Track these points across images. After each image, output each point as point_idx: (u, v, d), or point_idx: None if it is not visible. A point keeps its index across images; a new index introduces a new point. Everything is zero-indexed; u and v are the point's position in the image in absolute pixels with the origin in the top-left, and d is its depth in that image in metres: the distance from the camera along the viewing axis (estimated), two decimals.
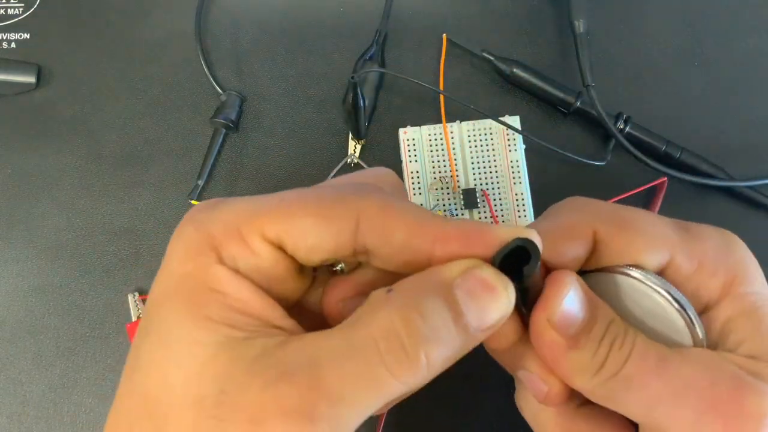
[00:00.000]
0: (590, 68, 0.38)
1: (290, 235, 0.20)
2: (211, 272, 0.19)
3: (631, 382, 0.20)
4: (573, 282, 0.20)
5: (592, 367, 0.20)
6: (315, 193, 0.21)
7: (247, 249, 0.20)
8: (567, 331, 0.20)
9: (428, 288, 0.18)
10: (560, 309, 0.20)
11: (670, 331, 0.21)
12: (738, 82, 0.40)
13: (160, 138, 0.40)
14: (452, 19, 0.41)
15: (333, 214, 0.20)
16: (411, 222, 0.19)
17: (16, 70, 0.40)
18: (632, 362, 0.20)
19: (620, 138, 0.37)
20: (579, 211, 0.23)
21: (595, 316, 0.20)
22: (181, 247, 0.21)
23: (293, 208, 0.20)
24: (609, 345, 0.20)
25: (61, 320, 0.37)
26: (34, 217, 0.38)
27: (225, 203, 0.21)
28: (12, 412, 0.36)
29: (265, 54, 0.41)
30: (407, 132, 0.38)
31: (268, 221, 0.19)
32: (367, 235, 0.19)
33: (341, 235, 0.19)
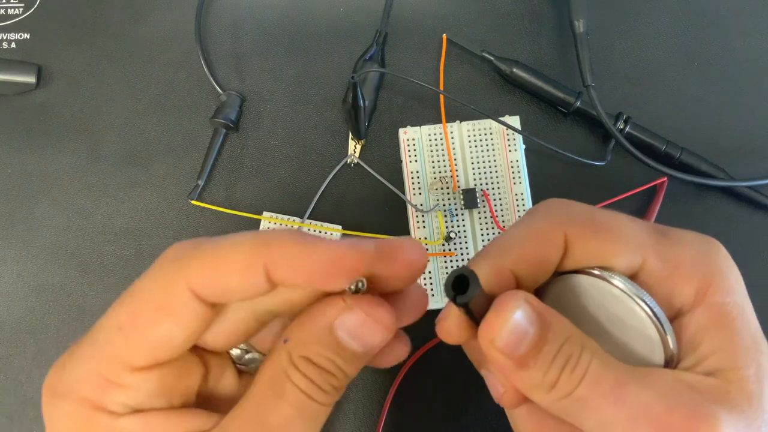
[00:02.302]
0: (590, 68, 0.38)
1: (153, 357, 0.20)
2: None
3: (585, 404, 0.19)
4: (519, 305, 0.20)
5: (544, 385, 0.20)
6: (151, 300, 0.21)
7: (122, 389, 0.20)
8: (513, 353, 0.20)
9: (315, 336, 0.20)
10: (503, 333, 0.20)
11: (641, 336, 0.21)
12: (738, 82, 0.40)
13: (160, 138, 0.40)
14: (452, 19, 0.41)
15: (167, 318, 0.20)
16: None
17: (16, 70, 0.40)
18: (586, 385, 0.19)
19: (620, 138, 0.37)
20: (551, 214, 0.22)
21: (545, 336, 0.20)
22: (64, 425, 0.20)
23: (132, 339, 0.20)
24: (561, 366, 0.20)
25: (61, 320, 0.37)
26: (34, 217, 0.38)
27: (74, 357, 0.20)
28: (12, 412, 0.36)
29: (265, 54, 0.41)
30: (407, 132, 0.38)
31: (127, 357, 0.20)
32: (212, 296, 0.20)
33: (188, 329, 0.20)
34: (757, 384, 0.20)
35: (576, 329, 0.21)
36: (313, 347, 0.20)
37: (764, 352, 0.21)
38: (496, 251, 0.22)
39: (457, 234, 0.36)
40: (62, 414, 0.20)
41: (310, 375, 0.20)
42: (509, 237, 0.22)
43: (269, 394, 0.20)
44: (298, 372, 0.20)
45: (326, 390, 0.20)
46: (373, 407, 0.35)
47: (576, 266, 0.22)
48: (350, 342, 0.20)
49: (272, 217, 0.37)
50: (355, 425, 0.35)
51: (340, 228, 0.37)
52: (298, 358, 0.20)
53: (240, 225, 0.38)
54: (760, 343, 0.21)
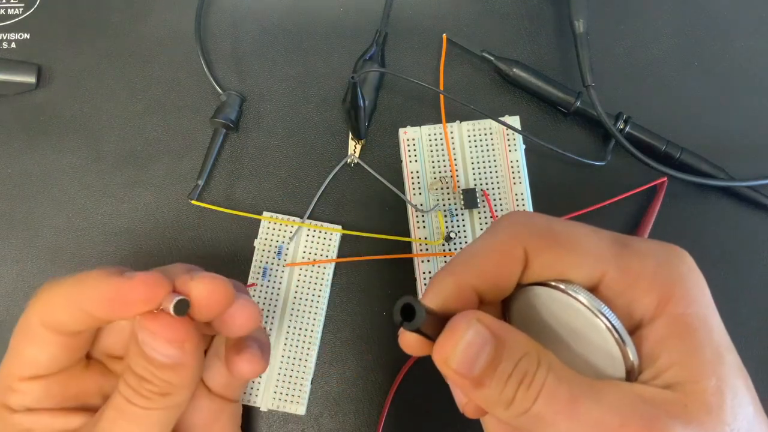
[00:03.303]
0: (590, 68, 0.38)
1: (31, 372, 0.27)
2: (10, 424, 0.26)
3: (541, 420, 0.19)
4: (471, 325, 0.20)
5: (501, 403, 0.20)
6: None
7: (16, 393, 0.27)
8: (468, 373, 0.20)
9: (132, 347, 0.25)
10: (456, 354, 0.20)
11: (601, 349, 0.21)
12: (738, 82, 0.40)
13: (160, 138, 0.40)
14: (452, 19, 0.41)
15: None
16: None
17: (16, 70, 0.40)
18: (542, 401, 0.19)
19: (620, 138, 0.37)
20: (511, 228, 0.23)
21: (500, 354, 0.20)
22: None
23: (16, 359, 0.27)
24: (517, 383, 0.20)
25: None
26: (34, 217, 0.38)
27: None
28: None
29: (265, 54, 0.41)
30: (407, 132, 0.38)
31: (16, 371, 0.27)
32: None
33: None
34: (717, 396, 0.19)
35: (533, 344, 0.20)
36: (132, 357, 0.25)
37: (727, 364, 0.20)
38: (458, 267, 0.22)
39: (457, 234, 0.36)
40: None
41: (129, 381, 0.25)
42: (470, 252, 0.23)
43: (109, 409, 0.25)
44: (122, 379, 0.25)
45: (145, 395, 0.24)
46: (373, 407, 0.35)
47: (536, 279, 0.22)
48: (152, 353, 0.24)
49: (272, 217, 0.37)
50: (355, 425, 0.35)
51: (340, 228, 0.37)
52: (125, 366, 0.25)
53: (240, 225, 0.38)
54: (723, 354, 0.20)
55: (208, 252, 0.38)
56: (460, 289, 0.22)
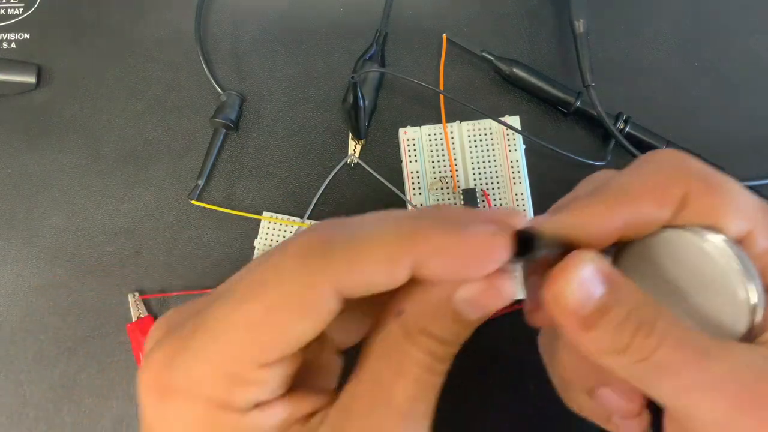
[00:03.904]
0: (590, 68, 0.38)
1: (283, 354, 0.19)
2: (239, 431, 0.19)
3: (664, 369, 0.19)
4: (587, 262, 0.19)
5: (614, 349, 0.19)
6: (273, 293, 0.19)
7: (250, 386, 0.19)
8: (578, 311, 0.19)
9: (432, 308, 0.20)
10: (566, 287, 0.19)
11: (727, 303, 0.20)
12: (738, 81, 0.40)
13: (160, 138, 0.40)
14: (452, 19, 0.41)
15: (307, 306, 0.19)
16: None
17: (16, 70, 0.40)
18: (666, 349, 0.19)
19: (620, 138, 0.37)
20: (671, 166, 0.21)
21: (614, 300, 0.19)
22: (184, 426, 0.19)
23: (264, 337, 0.18)
24: (633, 329, 0.19)
25: (61, 320, 0.37)
26: (34, 217, 0.38)
27: (190, 353, 0.19)
28: (12, 412, 0.36)
29: (265, 54, 0.41)
30: (407, 132, 0.38)
31: (257, 355, 0.18)
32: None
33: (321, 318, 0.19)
34: None
35: (648, 298, 0.20)
36: (431, 319, 0.20)
37: None
38: (609, 197, 0.21)
39: None
40: (182, 414, 0.19)
41: (431, 348, 0.20)
42: (622, 185, 0.21)
43: (387, 371, 0.20)
44: (417, 347, 0.20)
45: (446, 360, 0.20)
46: None
47: (682, 222, 0.21)
48: (470, 312, 0.19)
49: (272, 217, 0.37)
50: None
51: None
52: (416, 331, 0.19)
53: (240, 225, 0.38)
54: None
55: (208, 252, 0.38)
56: (606, 221, 0.21)
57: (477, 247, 0.18)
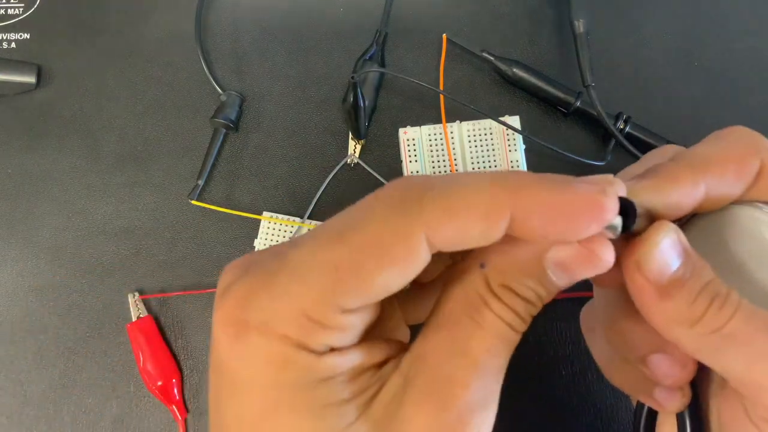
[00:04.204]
0: (590, 68, 0.38)
1: (366, 302, 0.18)
2: (313, 372, 0.18)
3: (735, 340, 0.19)
4: (670, 231, 0.20)
5: (688, 319, 0.19)
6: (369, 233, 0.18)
7: (329, 330, 0.18)
8: (657, 279, 0.19)
9: (519, 265, 0.19)
10: (650, 255, 0.19)
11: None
12: (738, 82, 0.40)
13: (160, 138, 0.40)
14: (452, 19, 0.41)
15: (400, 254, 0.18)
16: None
17: (16, 70, 0.40)
18: (738, 321, 0.19)
19: (620, 138, 0.37)
20: (746, 139, 0.22)
21: (692, 271, 0.20)
22: (258, 361, 0.18)
23: (349, 282, 0.17)
24: (708, 301, 0.19)
25: (61, 320, 0.37)
26: (34, 217, 0.38)
27: (271, 291, 0.18)
28: (12, 412, 0.36)
29: (265, 54, 0.41)
30: (407, 132, 0.38)
31: (340, 300, 0.18)
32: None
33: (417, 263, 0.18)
34: None
35: (718, 278, 0.20)
36: (517, 276, 0.19)
37: None
38: (696, 163, 0.21)
39: None
40: (258, 350, 0.18)
41: (513, 304, 0.19)
42: (702, 155, 0.21)
43: (466, 321, 0.19)
44: (499, 301, 0.19)
45: (526, 319, 0.19)
46: None
47: (750, 198, 0.21)
48: (559, 275, 0.19)
49: (272, 217, 0.37)
50: None
51: None
52: (499, 286, 0.19)
53: (240, 225, 0.38)
54: None
55: (208, 252, 0.38)
56: (692, 189, 0.21)
57: (583, 205, 0.17)
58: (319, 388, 0.18)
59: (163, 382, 0.35)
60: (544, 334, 0.36)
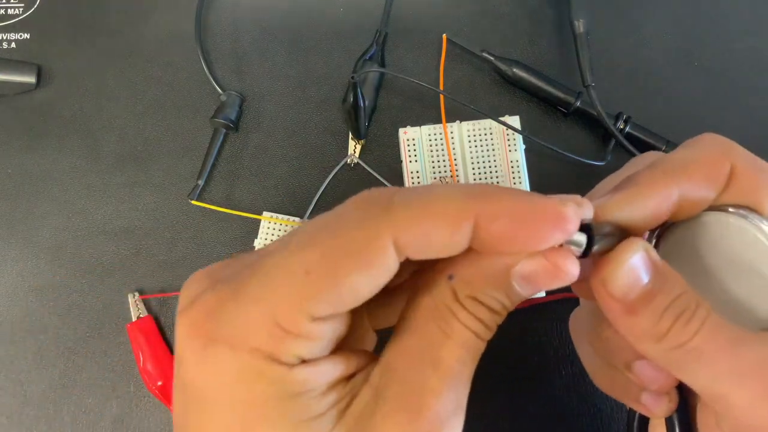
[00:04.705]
0: (590, 68, 0.38)
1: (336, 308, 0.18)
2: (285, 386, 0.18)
3: (699, 356, 0.19)
4: (638, 250, 0.20)
5: (653, 335, 0.20)
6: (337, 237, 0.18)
7: (299, 339, 0.18)
8: (623, 297, 0.20)
9: (486, 277, 0.19)
10: (615, 274, 0.20)
11: (763, 292, 0.21)
12: (738, 82, 0.40)
13: (160, 138, 0.40)
14: (452, 19, 0.41)
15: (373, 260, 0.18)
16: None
17: (16, 70, 0.40)
18: (702, 336, 0.19)
19: (620, 138, 0.37)
20: (718, 144, 0.22)
21: (659, 288, 0.20)
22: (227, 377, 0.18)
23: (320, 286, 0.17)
24: (674, 317, 0.20)
25: (61, 320, 0.37)
26: (34, 217, 0.38)
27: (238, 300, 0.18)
28: (12, 412, 0.36)
29: (265, 54, 0.41)
30: (407, 132, 0.38)
31: (311, 306, 0.17)
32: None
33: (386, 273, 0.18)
34: None
35: (690, 288, 0.20)
36: (484, 288, 0.19)
37: None
38: (667, 171, 0.21)
39: None
40: (226, 364, 0.18)
41: (480, 314, 0.19)
42: (674, 161, 0.22)
43: (435, 331, 0.19)
44: (467, 311, 0.19)
45: (492, 328, 0.20)
46: None
47: (728, 202, 0.21)
48: (524, 287, 0.19)
49: (272, 217, 0.37)
50: None
51: None
52: (466, 297, 0.19)
53: (240, 225, 0.38)
54: None
55: (208, 252, 0.38)
56: (663, 196, 0.21)
57: (545, 214, 0.18)
58: (293, 403, 0.18)
59: (163, 382, 0.35)
60: (544, 335, 0.36)
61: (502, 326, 0.20)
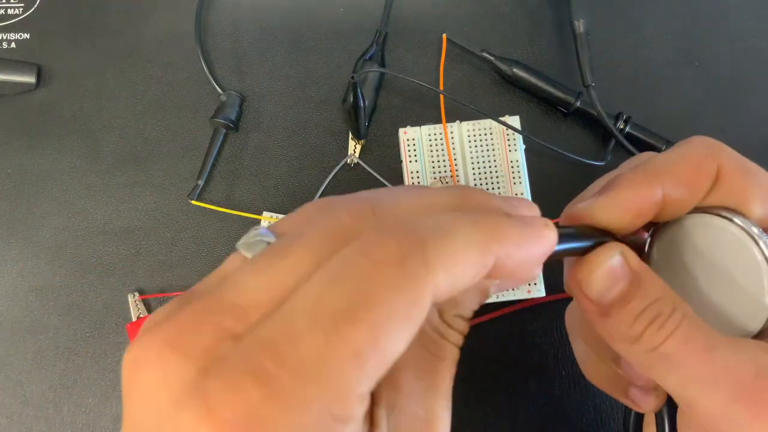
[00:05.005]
0: (590, 68, 0.38)
1: (385, 369, 0.16)
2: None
3: (669, 360, 0.19)
4: (613, 255, 0.20)
5: (627, 337, 0.20)
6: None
7: (351, 422, 0.16)
8: (598, 300, 0.20)
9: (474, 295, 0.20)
10: (590, 277, 0.20)
11: (749, 296, 0.21)
12: (738, 82, 0.40)
13: (160, 138, 0.40)
14: (452, 19, 0.41)
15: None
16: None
17: (16, 70, 0.40)
18: (674, 341, 0.19)
19: (620, 138, 0.37)
20: (706, 145, 0.22)
21: (634, 292, 0.20)
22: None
23: (369, 364, 0.15)
24: (648, 321, 0.20)
25: (61, 320, 0.37)
26: (34, 217, 0.38)
27: (294, 400, 0.15)
28: (12, 412, 0.36)
29: (265, 54, 0.41)
30: (407, 132, 0.38)
31: (361, 387, 0.15)
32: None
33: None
34: None
35: (671, 292, 0.21)
36: (470, 305, 0.20)
37: None
38: (651, 173, 0.21)
39: None
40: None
41: (461, 328, 0.20)
42: (659, 162, 0.22)
43: (428, 357, 0.19)
44: (453, 330, 0.20)
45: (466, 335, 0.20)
46: None
47: (714, 204, 0.21)
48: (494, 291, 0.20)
49: (272, 217, 0.37)
50: None
51: None
52: (453, 317, 0.20)
53: (240, 225, 0.38)
54: None
55: (208, 252, 0.38)
56: (652, 190, 0.21)
57: (540, 240, 0.19)
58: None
59: None
60: (544, 334, 0.36)
61: (503, 326, 0.20)
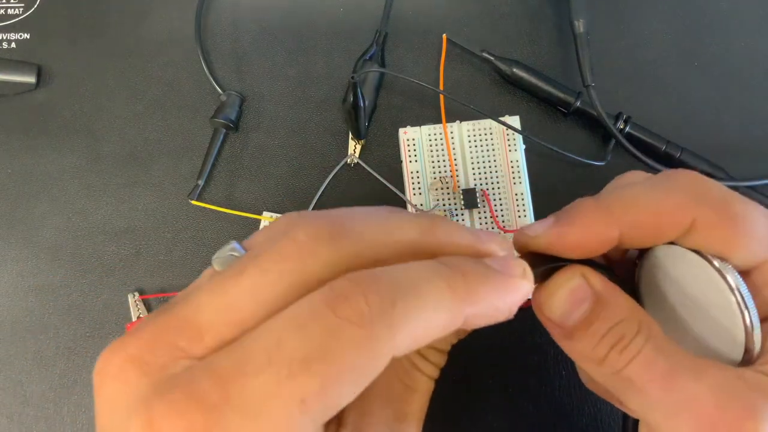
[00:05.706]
0: (590, 68, 0.38)
1: (334, 412, 0.16)
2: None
3: (631, 384, 0.19)
4: (573, 279, 0.20)
5: (592, 359, 0.20)
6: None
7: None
8: (560, 323, 0.21)
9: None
10: (549, 301, 0.21)
11: (723, 331, 0.21)
12: (738, 82, 0.40)
13: (160, 138, 0.40)
14: (452, 19, 0.41)
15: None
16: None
17: (16, 70, 0.40)
18: (636, 366, 0.19)
19: (620, 138, 0.37)
20: (687, 192, 0.21)
21: (597, 314, 0.20)
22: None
23: (320, 400, 0.16)
24: (610, 344, 0.20)
25: (61, 320, 0.37)
26: (34, 217, 0.38)
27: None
28: (12, 412, 0.36)
29: (265, 54, 0.41)
30: (407, 132, 0.38)
31: (308, 427, 0.16)
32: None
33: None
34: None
35: (637, 311, 0.20)
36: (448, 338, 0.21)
37: None
38: (616, 208, 0.21)
39: None
40: None
41: (437, 361, 0.21)
42: (631, 198, 0.21)
43: (400, 388, 0.20)
44: (427, 362, 0.21)
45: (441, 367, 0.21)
46: None
47: (691, 247, 0.21)
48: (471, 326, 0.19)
49: (272, 217, 0.37)
50: None
51: None
52: (428, 349, 0.21)
53: (240, 225, 0.38)
54: None
55: (208, 252, 0.38)
56: (607, 228, 0.21)
57: (516, 293, 0.19)
58: None
59: None
60: (544, 335, 0.36)
61: (503, 326, 0.20)
